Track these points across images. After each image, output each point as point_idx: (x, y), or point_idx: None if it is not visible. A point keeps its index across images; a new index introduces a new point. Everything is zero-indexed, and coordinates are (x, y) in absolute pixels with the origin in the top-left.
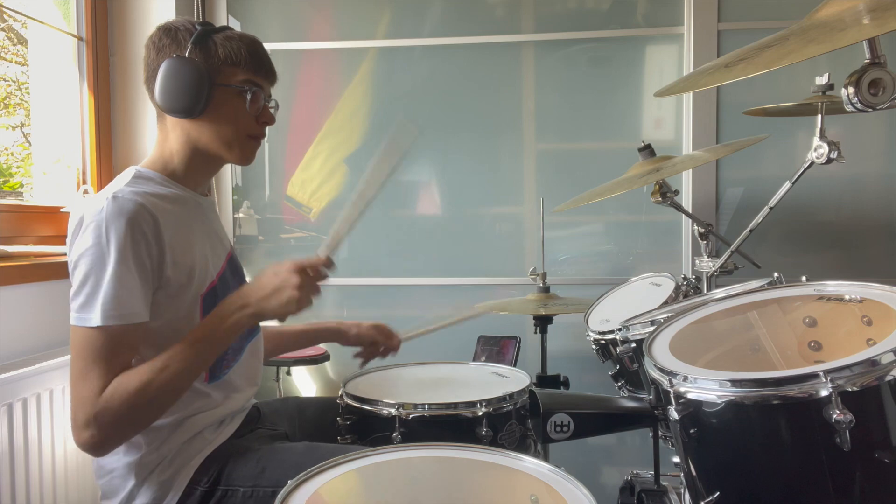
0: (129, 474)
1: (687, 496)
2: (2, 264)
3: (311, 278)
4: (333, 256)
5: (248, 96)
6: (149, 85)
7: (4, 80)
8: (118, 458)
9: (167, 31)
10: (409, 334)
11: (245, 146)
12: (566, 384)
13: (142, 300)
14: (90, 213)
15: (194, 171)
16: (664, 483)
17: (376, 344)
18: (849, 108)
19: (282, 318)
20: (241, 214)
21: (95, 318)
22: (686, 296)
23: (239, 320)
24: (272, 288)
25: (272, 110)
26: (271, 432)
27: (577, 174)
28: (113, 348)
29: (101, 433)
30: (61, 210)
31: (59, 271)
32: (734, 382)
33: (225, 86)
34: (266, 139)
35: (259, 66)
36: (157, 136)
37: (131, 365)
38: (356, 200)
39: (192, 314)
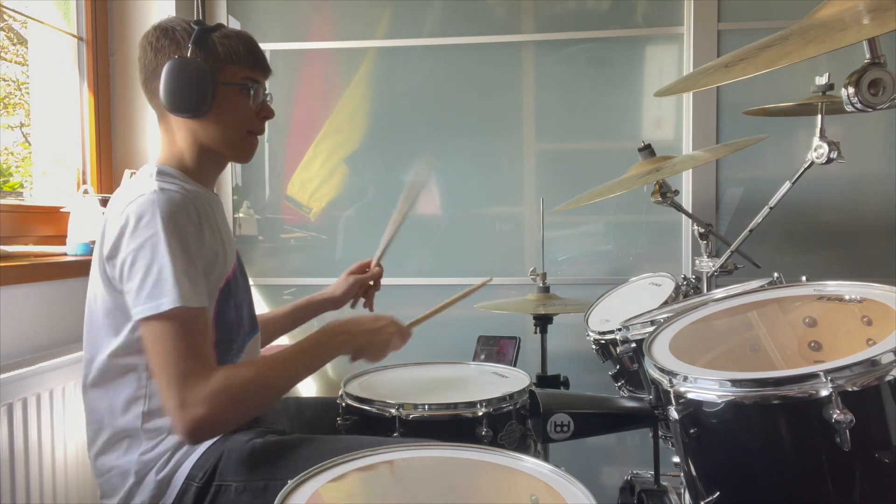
0: (128, 473)
1: (687, 496)
2: (2, 264)
3: (403, 332)
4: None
5: (251, 93)
6: (148, 86)
7: (4, 80)
8: (118, 457)
9: (164, 31)
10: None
11: (246, 142)
12: (566, 384)
13: (203, 287)
14: (137, 209)
15: (205, 169)
16: (664, 483)
17: (363, 285)
18: (849, 108)
19: (372, 356)
20: (241, 214)
21: (169, 302)
22: (686, 296)
23: (342, 343)
24: (375, 327)
25: (269, 104)
26: (270, 431)
27: (577, 174)
28: (197, 328)
29: (214, 412)
30: (61, 210)
31: (59, 271)
32: (734, 382)
33: (228, 84)
34: (266, 139)
35: (257, 62)
36: (161, 135)
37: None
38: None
39: (210, 308)
